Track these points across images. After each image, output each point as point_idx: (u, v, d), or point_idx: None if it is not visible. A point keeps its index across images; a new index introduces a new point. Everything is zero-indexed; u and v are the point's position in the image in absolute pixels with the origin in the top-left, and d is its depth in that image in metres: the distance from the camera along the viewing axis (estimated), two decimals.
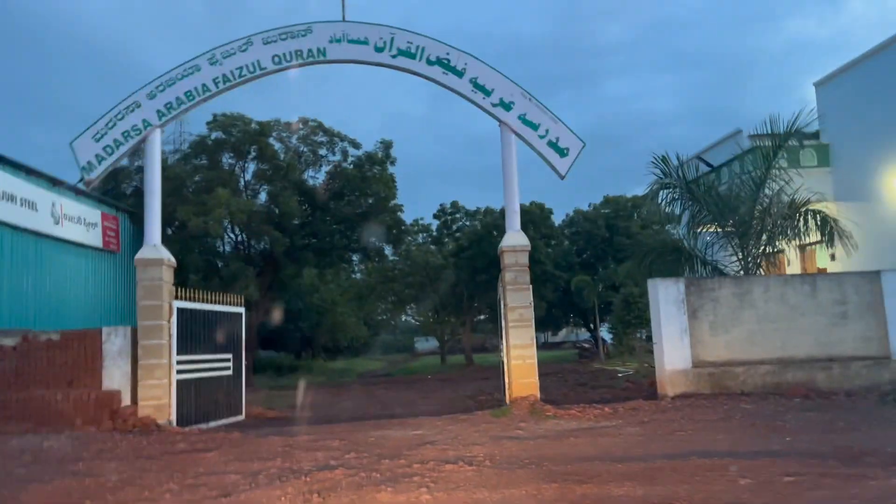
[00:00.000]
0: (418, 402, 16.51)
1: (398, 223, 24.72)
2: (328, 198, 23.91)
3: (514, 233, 12.40)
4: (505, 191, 12.56)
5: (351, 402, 17.21)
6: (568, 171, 12.62)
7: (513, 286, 12.17)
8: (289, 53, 12.23)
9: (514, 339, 12.04)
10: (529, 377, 11.97)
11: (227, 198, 20.75)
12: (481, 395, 15.47)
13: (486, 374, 27.26)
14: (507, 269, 12.24)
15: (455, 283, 32.42)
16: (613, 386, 16.63)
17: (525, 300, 12.16)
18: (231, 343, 13.63)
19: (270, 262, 24.68)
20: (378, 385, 24.09)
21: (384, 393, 19.87)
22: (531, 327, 12.20)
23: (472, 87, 12.49)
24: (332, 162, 24.33)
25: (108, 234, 20.27)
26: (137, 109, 11.97)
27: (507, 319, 12.13)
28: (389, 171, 24.35)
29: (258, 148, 23.10)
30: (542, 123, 12.53)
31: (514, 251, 12.25)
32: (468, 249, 31.29)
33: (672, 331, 12.23)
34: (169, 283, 11.95)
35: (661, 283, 12.39)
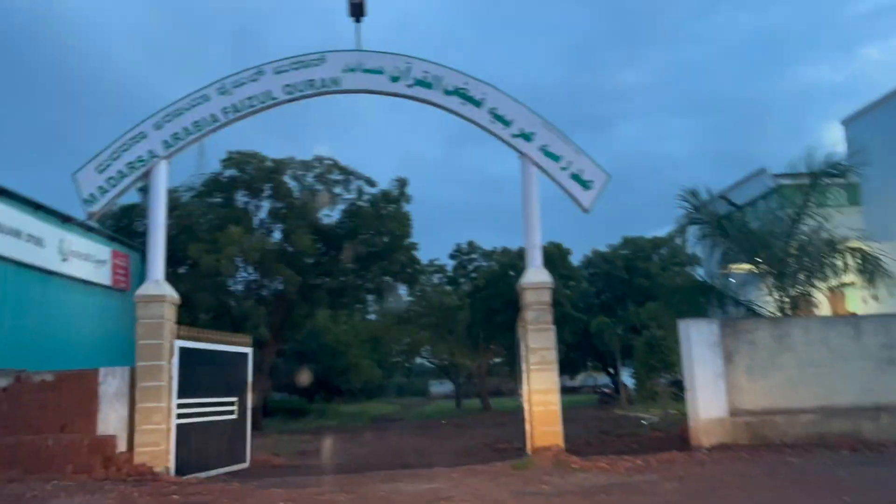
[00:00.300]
0: (432, 450, 15.58)
1: (413, 262, 24.05)
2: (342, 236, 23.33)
3: (536, 269, 11.65)
4: (525, 225, 11.85)
5: (362, 449, 16.29)
6: (592, 204, 11.92)
7: (534, 326, 11.36)
8: (301, 83, 11.74)
9: (535, 384, 11.18)
10: (553, 425, 11.07)
11: (239, 236, 20.23)
12: (500, 444, 14.53)
13: (503, 419, 26.19)
14: (527, 308, 11.45)
15: (471, 325, 31.56)
16: (639, 434, 15.61)
17: (547, 341, 11.33)
18: (236, 385, 12.86)
19: (283, 302, 24.02)
20: (391, 430, 23.11)
21: (397, 439, 18.92)
22: (554, 371, 11.34)
23: (492, 118, 11.90)
24: (348, 199, 23.79)
25: (118, 272, 19.74)
26: (143, 140, 11.47)
27: (528, 362, 11.30)
28: (404, 209, 23.78)
29: (273, 186, 22.65)
30: (564, 155, 11.88)
31: (535, 288, 11.47)
32: (484, 290, 30.52)
33: (706, 376, 11.31)
34: (171, 322, 11.27)
35: (694, 324, 11.53)
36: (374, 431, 23.22)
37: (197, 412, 11.80)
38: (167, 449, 10.86)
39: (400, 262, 23.34)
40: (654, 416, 20.94)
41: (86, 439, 10.34)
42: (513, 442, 15.38)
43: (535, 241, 11.75)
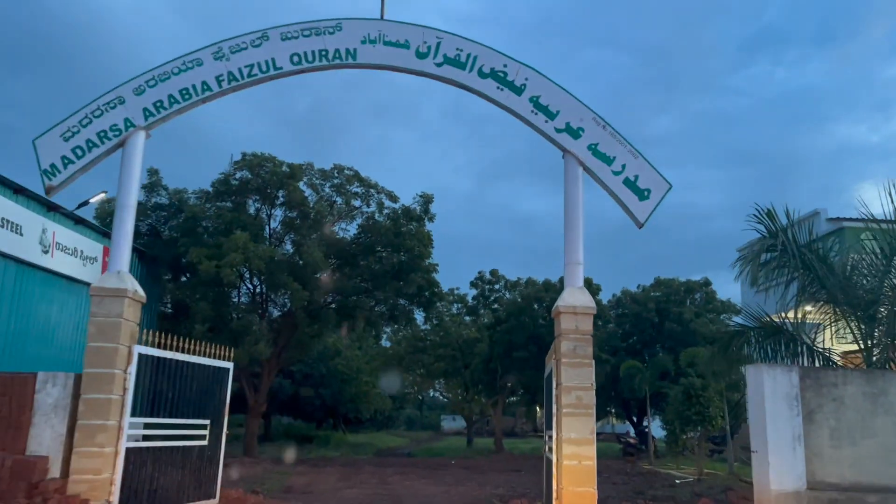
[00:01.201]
0: (437, 496, 13.24)
1: (431, 284, 21.88)
2: (357, 252, 21.30)
3: (575, 290, 9.43)
4: (566, 236, 9.69)
5: (356, 491, 13.99)
6: (648, 218, 9.75)
7: (570, 360, 9.11)
8: (311, 53, 9.81)
9: (568, 431, 8.89)
10: (586, 485, 8.75)
11: (244, 242, 18.28)
12: (515, 499, 12.12)
13: (516, 463, 23.62)
14: (563, 337, 9.21)
15: (489, 359, 29.19)
16: (679, 498, 13.11)
17: (586, 379, 9.08)
18: (211, 405, 10.72)
19: (288, 319, 21.97)
20: (394, 467, 20.71)
21: (398, 480, 16.55)
22: (591, 416, 9.06)
23: (533, 108, 9.84)
24: (367, 213, 21.83)
25: None
26: (120, 106, 9.58)
27: (561, 403, 9.03)
28: (426, 227, 21.74)
29: (286, 193, 20.77)
30: (617, 157, 9.76)
31: (574, 313, 9.25)
32: (506, 322, 28.21)
33: (781, 437, 8.93)
34: (132, 323, 9.22)
35: (769, 370, 9.17)
36: (377, 468, 20.84)
37: (156, 435, 9.70)
38: (111, 479, 8.73)
39: (417, 284, 21.19)
40: (688, 474, 18.37)
41: (8, 459, 8.25)
42: (530, 495, 12.99)
43: (576, 257, 9.56)
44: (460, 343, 33.31)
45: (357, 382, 40.18)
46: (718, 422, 19.01)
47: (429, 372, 36.83)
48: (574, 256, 9.58)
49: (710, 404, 18.87)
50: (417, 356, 35.58)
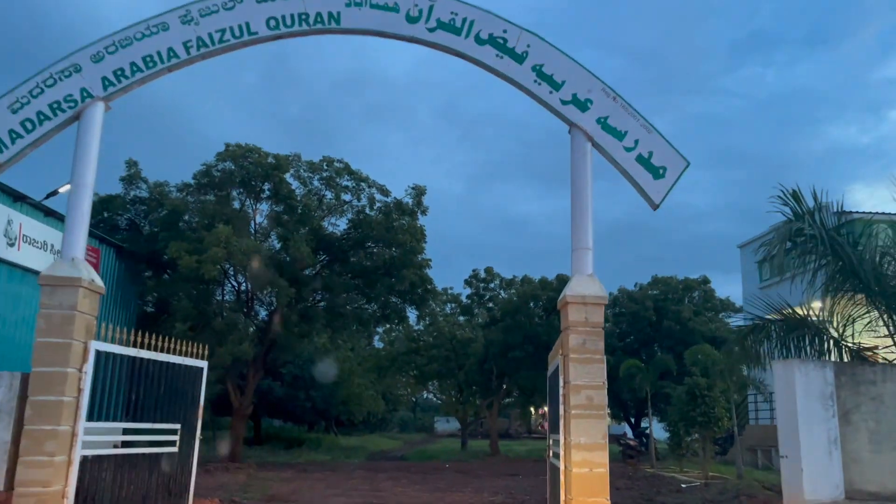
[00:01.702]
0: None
1: (424, 281, 20.82)
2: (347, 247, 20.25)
3: (584, 278, 8.42)
4: (573, 219, 8.68)
5: (343, 499, 12.92)
6: (664, 198, 8.76)
7: (579, 355, 8.09)
8: (290, 16, 8.78)
9: (577, 435, 7.86)
10: (598, 495, 7.72)
11: (227, 236, 17.18)
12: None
13: (513, 467, 22.61)
14: (571, 330, 8.19)
15: (484, 359, 28.18)
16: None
17: (597, 376, 8.06)
18: (182, 408, 9.66)
19: (276, 318, 20.86)
20: (386, 472, 19.64)
21: (390, 486, 15.50)
22: (603, 419, 8.04)
23: (536, 77, 8.84)
24: (357, 207, 20.76)
25: None
26: (76, 75, 8.51)
27: (569, 404, 8.00)
28: (419, 222, 20.69)
29: (272, 185, 19.70)
30: (629, 131, 8.76)
31: (583, 304, 8.23)
32: (501, 321, 27.20)
33: (815, 440, 7.95)
34: (87, 316, 8.15)
35: (800, 367, 8.19)
36: (368, 472, 19.77)
37: (118, 442, 8.64)
38: (62, 491, 7.66)
39: (410, 281, 20.13)
40: (694, 478, 17.38)
41: None
42: (529, 502, 11.98)
43: (585, 241, 8.56)
44: (454, 343, 32.28)
45: (349, 384, 39.02)
46: (724, 423, 18.03)
47: (422, 373, 35.80)
48: (582, 241, 8.57)
49: (716, 405, 17.89)
50: (411, 357, 34.55)
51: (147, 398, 9.05)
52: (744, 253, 27.28)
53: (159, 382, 9.27)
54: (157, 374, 9.23)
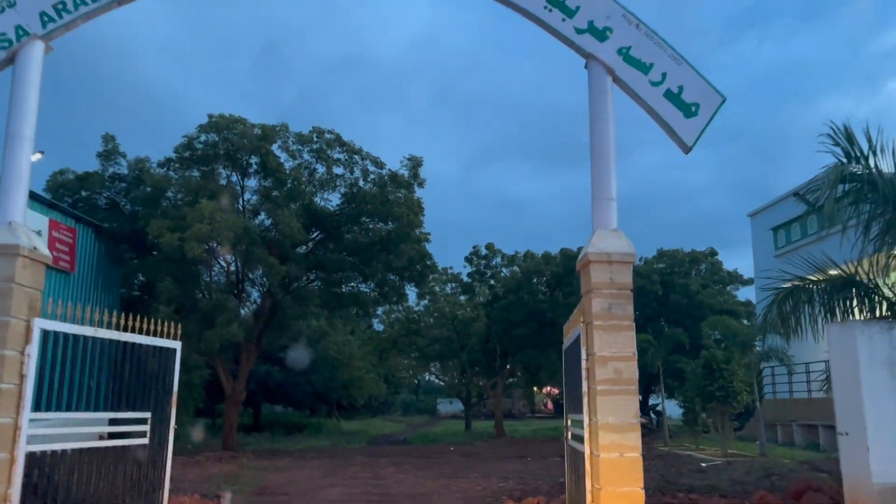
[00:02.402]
0: (434, 494, 11.06)
1: (423, 256, 19.57)
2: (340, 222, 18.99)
3: (608, 233, 7.18)
4: (593, 165, 7.43)
5: (341, 489, 11.77)
6: (697, 139, 7.51)
7: (605, 322, 6.87)
8: None
9: (604, 414, 6.66)
10: (630, 483, 6.54)
11: (211, 212, 15.91)
12: (530, 497, 9.92)
13: (520, 449, 21.52)
14: (594, 294, 6.96)
15: (487, 338, 27.02)
16: (718, 488, 10.93)
17: (626, 346, 6.85)
18: (152, 394, 8.46)
19: (268, 299, 19.66)
20: (388, 457, 18.53)
21: (391, 473, 14.36)
22: (635, 395, 6.83)
23: (545, 3, 7.54)
24: (350, 180, 19.47)
25: (59, 249, 15.46)
26: (9, 10, 7.21)
27: (594, 378, 6.79)
28: (416, 194, 19.42)
29: (260, 160, 18.39)
30: (655, 63, 7.48)
31: (608, 262, 7.00)
32: (504, 299, 26.01)
33: (884, 414, 6.75)
34: (31, 290, 6.91)
35: (863, 330, 6.98)
36: (369, 458, 18.66)
37: (72, 434, 7.43)
38: (5, 494, 6.47)
39: (408, 256, 18.87)
40: (713, 456, 16.26)
41: None
42: (545, 490, 10.83)
43: (607, 191, 7.31)
44: (455, 323, 31.17)
45: (349, 368, 37.94)
46: (743, 397, 16.88)
47: (423, 355, 34.74)
48: (604, 190, 7.32)
49: (734, 378, 16.74)
50: (411, 338, 33.46)
51: (110, 384, 7.85)
52: (755, 222, 26.06)
53: (124, 366, 8.06)
54: (122, 357, 8.03)
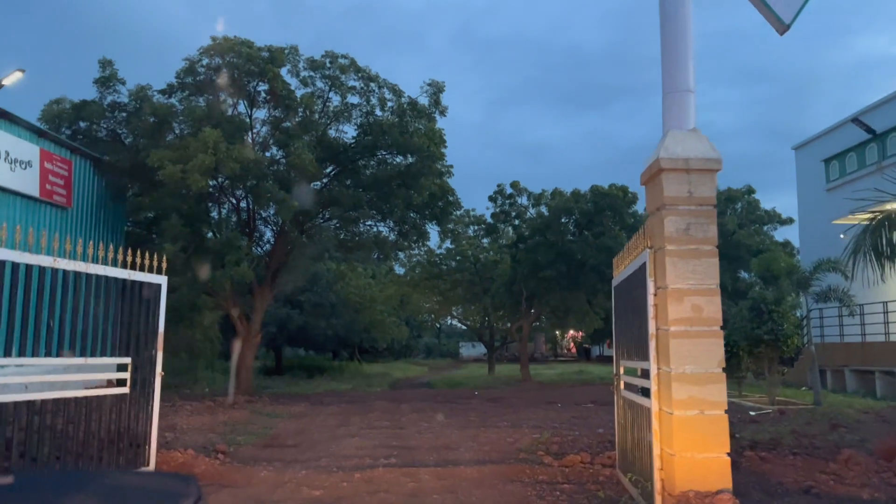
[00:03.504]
0: (461, 447, 9.80)
1: (446, 191, 18.01)
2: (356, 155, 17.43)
3: (684, 134, 5.59)
4: (664, 52, 5.80)
5: (357, 441, 10.56)
6: (795, 18, 5.81)
7: (680, 246, 5.35)
8: None
9: (680, 362, 5.21)
10: (713, 448, 5.13)
11: (215, 140, 14.46)
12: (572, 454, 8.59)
13: (547, 394, 20.27)
14: (668, 210, 5.42)
15: (512, 281, 25.60)
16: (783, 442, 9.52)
17: (708, 277, 5.35)
18: (134, 338, 7.16)
19: (281, 239, 18.34)
20: (409, 403, 17.42)
21: (413, 421, 13.19)
22: (720, 338, 5.35)
23: None
24: (366, 110, 17.82)
25: (52, 181, 14.16)
26: None
27: (666, 317, 5.31)
28: (438, 123, 17.74)
29: (268, 85, 16.77)
30: None
31: (685, 171, 5.44)
32: (530, 239, 24.47)
33: None
34: None
35: None
36: (389, 403, 17.58)
37: (32, 384, 6.17)
38: None
39: (429, 191, 17.33)
40: (759, 404, 14.88)
41: None
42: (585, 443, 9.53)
43: (684, 82, 5.68)
44: (478, 267, 29.80)
45: (370, 312, 37.00)
46: (794, 341, 15.38)
47: (446, 298, 33.57)
48: (679, 80, 5.69)
49: (784, 320, 15.19)
50: (433, 282, 32.22)
51: (79, 325, 6.55)
52: (801, 155, 24.01)
53: (97, 304, 6.75)
54: (96, 294, 6.71)
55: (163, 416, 12.53)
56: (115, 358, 6.91)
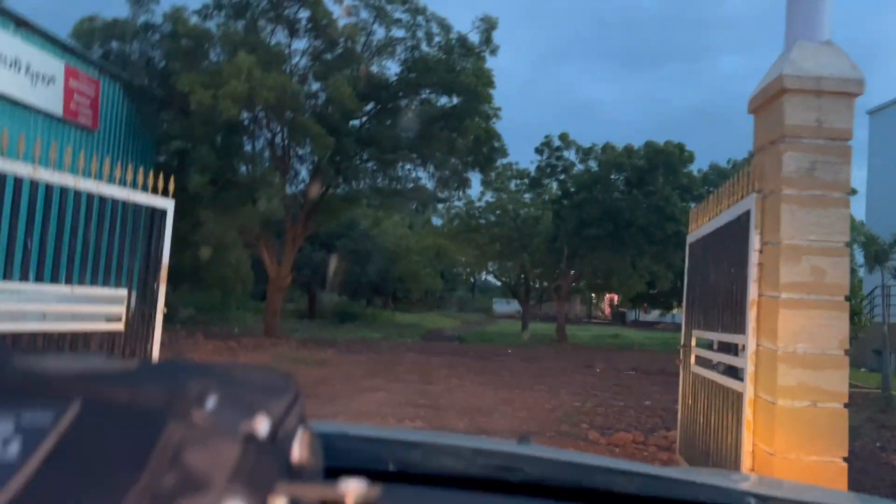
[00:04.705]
0: (495, 412, 8.80)
1: (491, 136, 16.67)
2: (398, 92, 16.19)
3: (816, 46, 4.25)
4: None
5: (383, 395, 9.67)
6: None
7: (802, 191, 4.09)
8: None
9: (790, 339, 4.01)
10: (828, 450, 3.96)
11: (250, 66, 13.37)
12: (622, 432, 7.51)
13: (585, 357, 19.12)
14: (787, 143, 4.14)
15: (553, 238, 24.29)
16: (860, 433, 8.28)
17: (835, 232, 4.09)
18: (132, 268, 6.22)
19: (316, 177, 17.34)
20: (440, 357, 16.53)
21: (443, 377, 12.26)
22: (844, 311, 4.12)
23: None
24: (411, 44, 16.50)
25: (77, 100, 13.29)
26: None
27: (773, 281, 4.10)
28: (487, 62, 16.32)
29: (310, 13, 15.54)
30: None
31: (815, 92, 4.13)
32: (576, 195, 23.06)
33: None
34: None
35: None
36: (420, 355, 16.75)
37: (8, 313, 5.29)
38: None
39: (474, 135, 16.04)
40: None
41: None
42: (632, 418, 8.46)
43: None
44: (518, 223, 28.48)
45: (406, 262, 36.22)
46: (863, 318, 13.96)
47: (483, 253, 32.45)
48: None
49: (854, 296, 13.72)
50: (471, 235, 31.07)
51: (68, 249, 5.62)
52: (875, 120, 21.94)
53: (89, 226, 5.80)
54: (87, 214, 5.75)
55: (178, 354, 11.86)
56: (107, 289, 5.99)
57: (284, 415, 0.48)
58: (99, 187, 5.79)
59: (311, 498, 0.43)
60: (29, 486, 0.37)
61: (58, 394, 0.45)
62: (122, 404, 0.44)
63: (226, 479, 0.39)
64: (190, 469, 0.39)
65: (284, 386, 0.52)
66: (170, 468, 0.39)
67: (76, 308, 5.77)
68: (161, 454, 0.39)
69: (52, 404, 0.43)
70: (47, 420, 0.42)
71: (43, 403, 0.43)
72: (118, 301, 6.10)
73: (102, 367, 0.51)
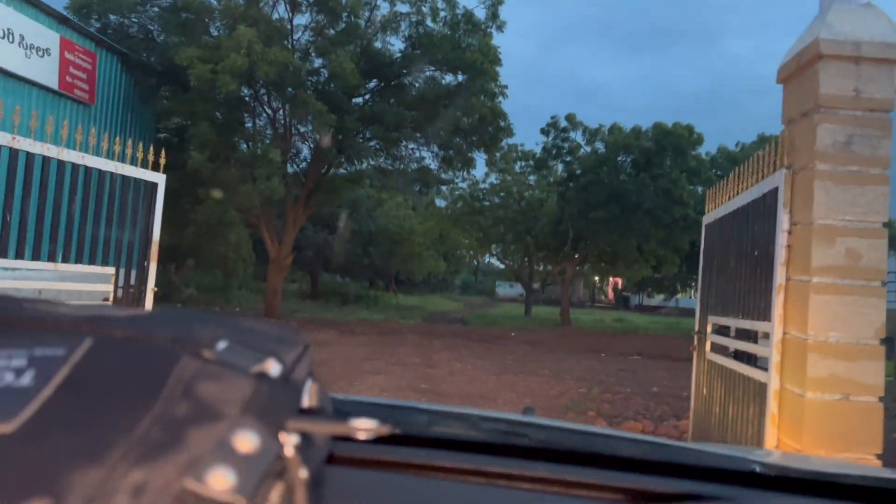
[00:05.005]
0: (499, 398, 8.53)
1: (497, 115, 16.25)
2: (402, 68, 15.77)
3: (856, 10, 3.89)
4: None
5: (383, 378, 9.41)
6: None
7: (837, 166, 3.75)
8: None
9: (820, 326, 3.70)
10: (862, 448, 3.67)
11: (250, 39, 12.98)
12: (630, 421, 7.25)
13: (589, 342, 18.85)
14: (821, 114, 3.79)
15: (559, 220, 23.94)
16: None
17: (872, 211, 3.75)
18: (120, 244, 5.94)
19: (317, 156, 16.99)
20: (442, 339, 16.29)
21: (445, 360, 12.01)
22: (881, 296, 3.80)
23: None
24: (415, 20, 16.06)
25: (73, 74, 12.92)
26: None
27: (803, 264, 3.77)
28: (494, 39, 15.87)
29: None
30: None
31: (853, 59, 3.77)
32: (582, 177, 22.66)
33: None
34: None
35: None
36: (422, 337, 16.50)
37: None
38: None
39: (479, 113, 15.64)
40: None
41: None
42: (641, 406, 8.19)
43: None
44: (522, 205, 28.11)
45: (409, 243, 35.90)
46: None
47: (486, 235, 32.12)
48: None
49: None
50: (474, 217, 30.72)
51: (50, 224, 5.32)
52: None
53: (73, 199, 5.50)
54: (71, 187, 5.45)
55: None
56: (93, 266, 5.70)
57: (295, 362, 0.48)
58: (84, 158, 5.48)
59: (322, 433, 0.44)
60: (45, 410, 0.38)
61: (70, 332, 0.45)
62: (134, 341, 0.44)
63: (238, 411, 0.40)
64: (203, 400, 0.40)
65: (294, 338, 0.52)
66: (183, 398, 0.40)
67: (58, 285, 5.49)
68: (174, 385, 0.40)
69: (64, 340, 0.44)
70: (60, 353, 0.43)
71: (56, 339, 0.44)
72: (105, 279, 5.82)
73: (114, 312, 0.50)
